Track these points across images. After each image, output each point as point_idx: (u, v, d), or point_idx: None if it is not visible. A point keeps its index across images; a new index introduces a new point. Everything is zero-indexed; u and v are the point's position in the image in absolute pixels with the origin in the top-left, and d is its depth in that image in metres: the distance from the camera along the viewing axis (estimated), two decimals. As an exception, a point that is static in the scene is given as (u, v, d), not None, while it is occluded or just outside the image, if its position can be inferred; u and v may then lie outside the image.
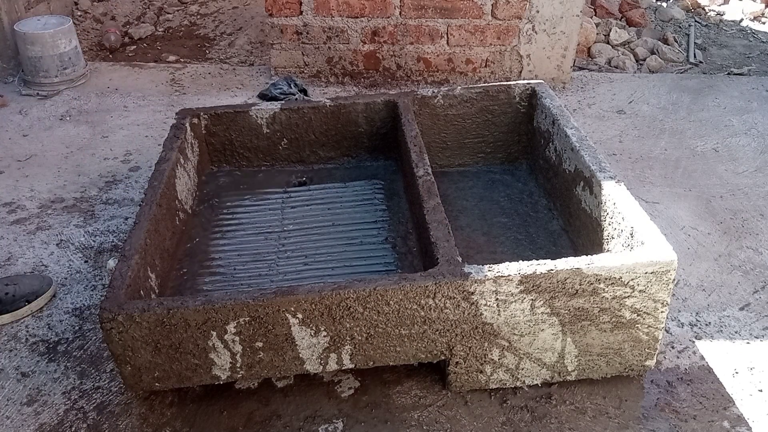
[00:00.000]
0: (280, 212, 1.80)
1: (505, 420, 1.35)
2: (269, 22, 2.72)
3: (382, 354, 1.32)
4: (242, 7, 3.70)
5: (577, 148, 1.60)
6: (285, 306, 1.23)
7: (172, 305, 1.21)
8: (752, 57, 3.32)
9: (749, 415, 1.37)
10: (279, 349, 1.28)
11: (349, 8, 2.66)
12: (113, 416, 1.37)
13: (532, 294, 1.26)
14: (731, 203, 2.05)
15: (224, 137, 1.92)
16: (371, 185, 1.89)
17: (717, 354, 1.51)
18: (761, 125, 2.50)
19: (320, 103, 1.91)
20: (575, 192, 1.63)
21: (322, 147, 1.97)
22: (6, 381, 1.46)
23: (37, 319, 1.62)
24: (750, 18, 3.78)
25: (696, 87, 2.81)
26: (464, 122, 1.96)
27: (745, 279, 1.74)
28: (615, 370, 1.40)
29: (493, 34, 2.70)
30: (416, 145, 1.67)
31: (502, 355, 1.34)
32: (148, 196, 1.51)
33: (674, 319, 1.61)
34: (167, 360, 1.27)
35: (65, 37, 2.72)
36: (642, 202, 2.00)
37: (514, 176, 1.97)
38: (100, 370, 1.47)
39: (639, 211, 1.38)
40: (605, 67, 3.15)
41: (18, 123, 2.53)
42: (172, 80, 2.87)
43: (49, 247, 1.87)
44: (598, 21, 3.51)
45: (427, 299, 1.24)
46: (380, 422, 1.35)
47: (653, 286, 1.27)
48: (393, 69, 2.80)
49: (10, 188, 2.14)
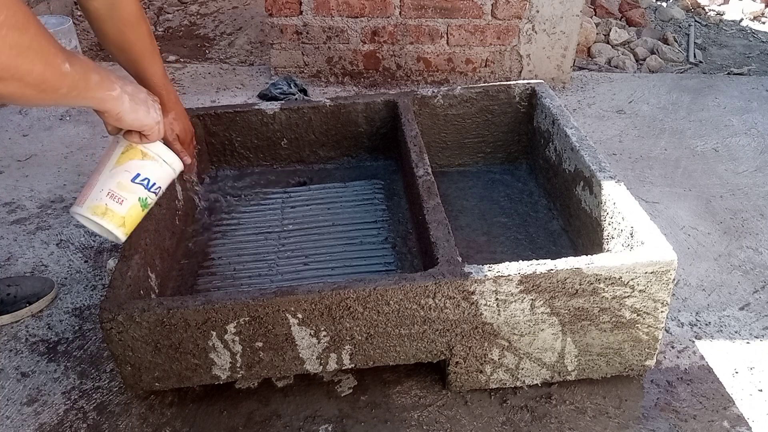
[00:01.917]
0: (280, 212, 1.80)
1: (505, 420, 1.35)
2: (269, 22, 2.72)
3: (382, 354, 1.32)
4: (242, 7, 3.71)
5: (577, 148, 1.60)
6: (285, 306, 1.23)
7: (172, 305, 1.21)
8: (752, 57, 3.32)
9: (749, 414, 1.37)
10: (279, 349, 1.28)
11: (349, 8, 2.66)
12: (113, 416, 1.37)
13: (532, 294, 1.26)
14: (731, 203, 2.05)
15: (224, 137, 1.92)
16: (371, 185, 1.89)
17: (717, 354, 1.51)
18: (761, 125, 2.50)
19: (320, 103, 1.91)
20: (575, 192, 1.63)
21: (322, 147, 1.97)
22: (6, 381, 1.46)
23: (37, 319, 1.62)
24: (750, 18, 3.78)
25: (696, 87, 2.81)
26: (464, 122, 1.96)
27: (745, 279, 1.74)
28: (615, 370, 1.40)
29: (493, 33, 2.70)
30: (416, 145, 1.67)
31: (502, 354, 1.34)
32: (148, 196, 1.51)
33: (674, 318, 1.61)
34: (167, 360, 1.27)
35: (65, 37, 2.72)
36: (642, 202, 2.00)
37: (514, 176, 1.97)
38: (100, 370, 1.48)
39: (639, 211, 1.38)
40: (605, 66, 3.15)
41: (18, 123, 2.53)
42: (172, 80, 2.87)
43: (49, 247, 1.87)
44: (598, 21, 3.51)
45: (427, 299, 1.24)
46: (380, 422, 1.35)
47: (653, 285, 1.27)
48: (393, 69, 2.80)
49: (10, 188, 2.14)
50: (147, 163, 1.12)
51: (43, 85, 0.85)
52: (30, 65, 0.81)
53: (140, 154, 1.12)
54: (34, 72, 0.82)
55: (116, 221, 1.08)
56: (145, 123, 1.08)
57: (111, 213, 1.08)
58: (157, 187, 1.14)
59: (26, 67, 0.81)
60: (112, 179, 1.10)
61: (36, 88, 0.84)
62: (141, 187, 1.11)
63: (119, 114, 1.03)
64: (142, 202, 1.11)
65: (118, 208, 1.08)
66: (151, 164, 1.12)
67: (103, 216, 1.07)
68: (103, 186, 1.09)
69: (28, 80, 0.82)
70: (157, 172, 1.13)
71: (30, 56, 0.81)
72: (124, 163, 1.11)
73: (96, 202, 1.09)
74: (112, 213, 1.08)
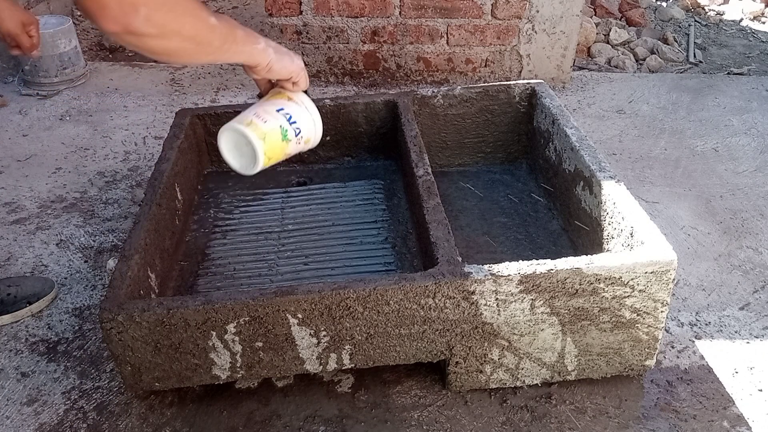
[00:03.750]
0: (280, 212, 1.80)
1: (505, 420, 1.35)
2: (269, 22, 2.72)
3: (382, 354, 1.32)
4: (242, 7, 3.71)
5: (577, 148, 1.60)
6: (285, 306, 1.23)
7: (172, 305, 1.22)
8: (752, 57, 3.32)
9: (749, 414, 1.37)
10: (279, 349, 1.28)
11: (349, 8, 2.66)
12: (113, 416, 1.37)
13: (532, 294, 1.26)
14: (731, 203, 2.05)
15: (224, 137, 1.92)
16: (371, 185, 1.89)
17: (717, 354, 1.51)
18: (761, 125, 2.50)
19: (320, 103, 1.91)
20: (575, 192, 1.63)
21: (322, 147, 1.95)
22: (6, 381, 1.46)
23: (37, 319, 1.62)
24: (750, 18, 3.78)
25: (696, 87, 2.81)
26: (464, 122, 1.96)
27: (745, 279, 1.74)
28: (615, 369, 1.40)
29: (492, 33, 2.70)
30: (416, 145, 1.67)
31: (502, 354, 1.34)
32: (148, 196, 1.51)
33: (674, 318, 1.61)
34: (167, 360, 1.27)
35: (65, 36, 2.72)
36: (642, 201, 2.00)
37: (514, 176, 1.97)
38: (100, 370, 1.48)
39: (639, 211, 1.38)
40: (605, 66, 3.15)
41: (18, 123, 2.53)
42: (172, 80, 2.87)
43: (49, 247, 1.87)
44: (598, 21, 3.51)
45: (427, 299, 1.24)
46: (380, 422, 1.35)
47: (653, 285, 1.27)
48: (393, 69, 2.80)
49: (10, 188, 2.14)
50: (291, 104, 1.21)
51: (197, 37, 0.94)
52: (182, 19, 0.90)
53: (286, 97, 1.22)
54: (187, 25, 0.92)
55: (258, 133, 1.14)
56: (292, 70, 1.17)
57: (255, 126, 1.15)
58: (297, 127, 1.21)
59: (180, 21, 0.90)
60: (260, 107, 1.20)
61: (193, 41, 0.94)
62: (284, 118, 1.19)
63: (270, 64, 1.11)
64: (282, 130, 1.18)
65: (261, 124, 1.16)
66: (296, 106, 1.22)
67: (248, 126, 1.15)
68: (250, 111, 1.19)
69: (184, 34, 0.91)
70: (299, 113, 1.22)
71: (180, 11, 0.90)
72: (270, 99, 1.21)
73: (243, 118, 1.17)
74: (256, 126, 1.15)
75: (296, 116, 1.21)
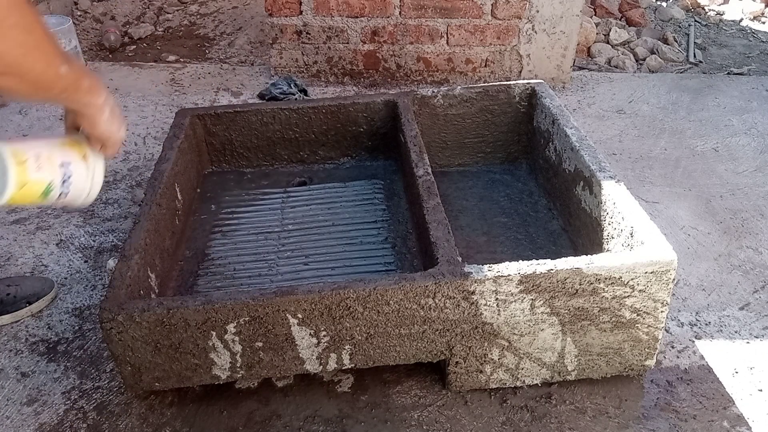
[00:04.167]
0: (280, 212, 1.80)
1: (505, 420, 1.35)
2: (269, 22, 2.72)
3: (382, 354, 1.32)
4: (242, 7, 3.71)
5: (577, 148, 1.60)
6: (285, 306, 1.23)
7: (172, 305, 1.21)
8: (752, 57, 3.32)
9: (749, 414, 1.37)
10: (279, 349, 1.28)
11: (349, 8, 2.66)
12: (113, 416, 1.37)
13: (532, 294, 1.26)
14: (731, 203, 2.05)
15: (224, 137, 1.92)
16: (371, 185, 1.89)
17: (717, 354, 1.51)
18: (761, 125, 2.50)
19: (320, 103, 1.91)
20: (575, 192, 1.63)
21: (322, 147, 1.97)
22: (6, 381, 1.46)
23: (37, 319, 1.62)
24: (750, 18, 3.78)
25: (696, 87, 2.81)
26: (464, 122, 1.96)
27: (745, 279, 1.74)
28: (615, 369, 1.40)
29: (492, 33, 2.70)
30: (416, 145, 1.67)
31: (502, 354, 1.34)
32: (148, 196, 1.51)
33: (674, 318, 1.61)
34: (167, 360, 1.27)
35: (65, 36, 2.71)
36: (642, 201, 2.00)
37: (514, 176, 1.97)
38: (100, 370, 1.48)
39: (639, 211, 1.38)
40: (605, 66, 3.15)
41: (18, 123, 2.53)
42: (172, 80, 2.87)
43: (49, 247, 1.87)
44: (598, 21, 3.51)
45: (427, 299, 1.24)
46: (380, 422, 1.35)
47: (653, 285, 1.27)
48: (393, 69, 2.80)
49: (10, 188, 2.14)
50: (80, 165, 1.07)
51: (39, 83, 0.89)
52: (33, 64, 0.86)
53: (82, 155, 1.08)
54: (35, 71, 0.87)
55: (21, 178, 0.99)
56: (113, 138, 1.09)
57: (24, 168, 0.99)
58: (67, 191, 1.07)
59: (29, 66, 0.85)
60: (47, 148, 1.05)
61: (32, 86, 0.89)
62: (60, 176, 1.05)
63: (96, 121, 1.05)
64: (48, 188, 1.03)
65: (32, 171, 1.00)
66: (83, 170, 1.08)
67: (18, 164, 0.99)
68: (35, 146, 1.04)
69: (27, 78, 0.86)
70: (80, 178, 1.08)
71: (35, 56, 0.85)
72: (65, 146, 1.07)
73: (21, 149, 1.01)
74: (25, 169, 0.99)
75: (75, 180, 1.07)
